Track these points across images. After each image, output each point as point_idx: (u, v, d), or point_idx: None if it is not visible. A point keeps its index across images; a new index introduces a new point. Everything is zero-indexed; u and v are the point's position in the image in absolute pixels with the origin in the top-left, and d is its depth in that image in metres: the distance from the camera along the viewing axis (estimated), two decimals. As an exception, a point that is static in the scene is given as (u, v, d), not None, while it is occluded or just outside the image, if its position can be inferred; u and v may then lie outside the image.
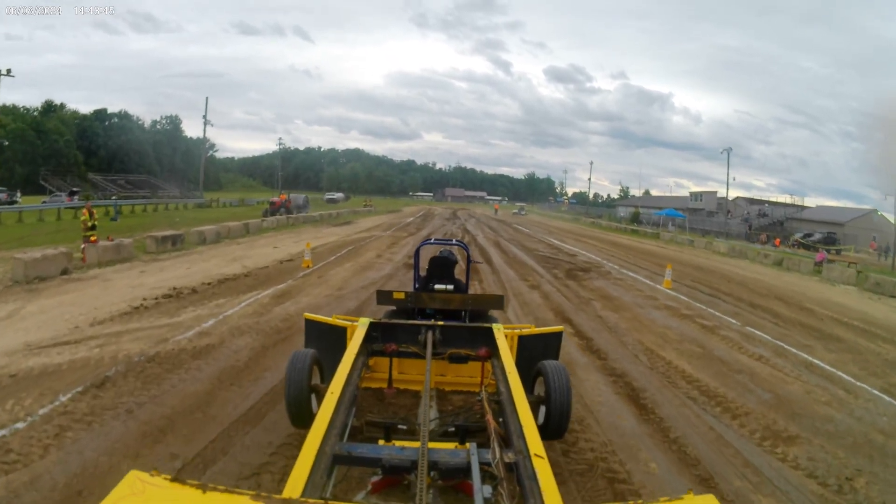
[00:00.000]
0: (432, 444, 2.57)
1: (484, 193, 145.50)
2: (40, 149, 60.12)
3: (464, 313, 5.58)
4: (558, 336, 4.92)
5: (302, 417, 3.54)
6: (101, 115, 73.29)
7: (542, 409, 3.65)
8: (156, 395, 5.38)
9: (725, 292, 14.65)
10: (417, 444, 2.52)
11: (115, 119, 74.21)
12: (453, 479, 2.53)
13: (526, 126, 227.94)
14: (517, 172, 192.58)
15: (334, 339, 4.52)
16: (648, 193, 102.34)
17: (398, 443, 2.84)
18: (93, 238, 14.36)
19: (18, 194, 40.22)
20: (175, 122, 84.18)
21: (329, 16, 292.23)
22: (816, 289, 17.82)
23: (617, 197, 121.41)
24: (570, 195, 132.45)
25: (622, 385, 6.56)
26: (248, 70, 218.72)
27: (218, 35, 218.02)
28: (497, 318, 5.69)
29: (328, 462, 2.34)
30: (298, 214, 34.36)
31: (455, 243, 7.82)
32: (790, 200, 60.84)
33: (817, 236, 41.89)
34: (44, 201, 34.54)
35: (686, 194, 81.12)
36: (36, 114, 65.99)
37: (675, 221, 53.61)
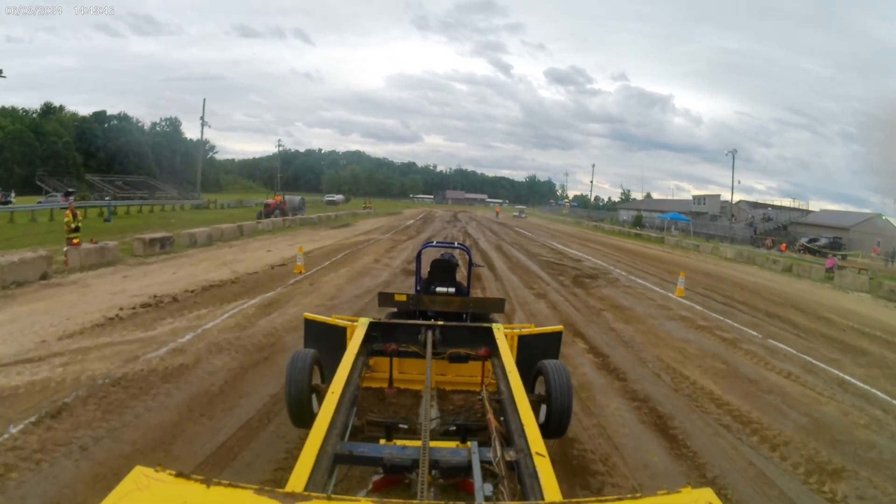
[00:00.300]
0: (433, 443, 2.54)
1: (485, 196, 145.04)
2: (39, 150, 59.75)
3: (465, 316, 5.56)
4: (558, 335, 4.86)
5: (303, 417, 3.47)
6: (100, 116, 72.92)
7: (543, 407, 3.58)
8: (116, 428, 4.76)
9: (740, 301, 13.99)
10: (418, 443, 2.47)
11: (114, 121, 73.86)
12: (454, 477, 2.49)
13: (527, 128, 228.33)
14: (518, 175, 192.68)
15: (334, 338, 4.49)
16: (650, 196, 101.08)
17: (399, 442, 2.83)
18: (75, 241, 13.74)
19: (12, 195, 39.55)
20: (174, 124, 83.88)
21: (329, 18, 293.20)
22: (831, 297, 17.18)
23: (618, 200, 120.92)
24: (570, 198, 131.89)
25: (647, 412, 5.89)
26: (248, 73, 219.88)
27: (219, 37, 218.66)
28: (498, 321, 5.63)
29: (329, 461, 2.30)
30: (295, 217, 33.57)
31: (457, 246, 7.89)
32: (792, 204, 59.89)
33: (823, 241, 41.19)
34: (39, 202, 33.91)
35: (687, 197, 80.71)
36: (35, 116, 65.60)
37: (678, 225, 52.93)
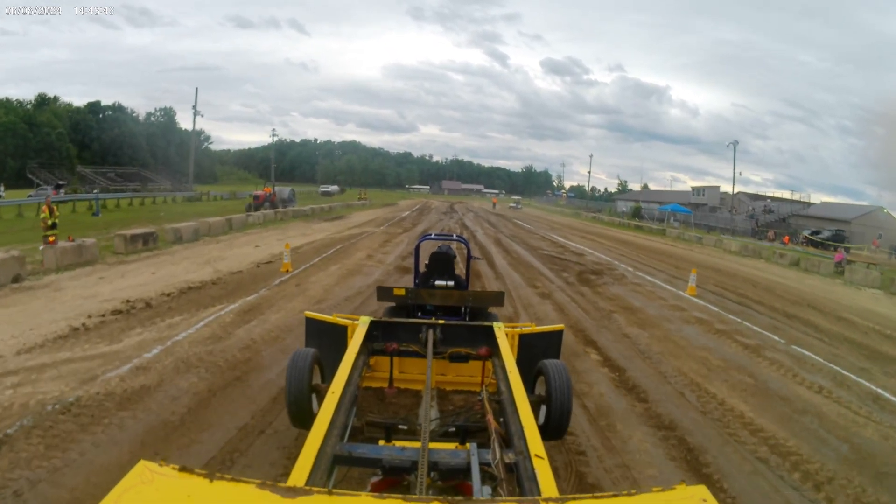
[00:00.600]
0: (433, 445, 2.51)
1: (481, 186, 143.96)
2: (32, 142, 58.50)
3: (464, 309, 5.52)
4: (559, 334, 4.82)
5: (302, 417, 3.46)
6: (94, 107, 71.56)
7: (543, 408, 3.54)
8: (57, 468, 4.07)
9: (754, 300, 13.29)
10: (418, 445, 2.46)
11: (108, 112, 72.52)
12: (453, 479, 2.44)
13: (523, 119, 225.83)
14: (514, 165, 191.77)
15: (335, 337, 4.45)
16: (647, 187, 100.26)
17: (398, 443, 2.79)
18: (51, 238, 12.94)
19: (2, 188, 38.40)
20: (169, 115, 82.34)
21: (324, 8, 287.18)
22: (845, 294, 16.52)
23: (615, 191, 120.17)
24: (567, 188, 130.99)
25: (675, 443, 5.16)
26: (244, 63, 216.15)
27: (214, 28, 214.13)
28: (497, 315, 5.62)
29: (328, 462, 2.28)
30: (288, 209, 32.57)
31: (456, 239, 7.88)
32: (790, 196, 59.14)
33: (826, 234, 40.61)
34: (30, 195, 32.87)
35: (683, 188, 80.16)
36: (29, 107, 64.32)
37: (677, 216, 52.20)
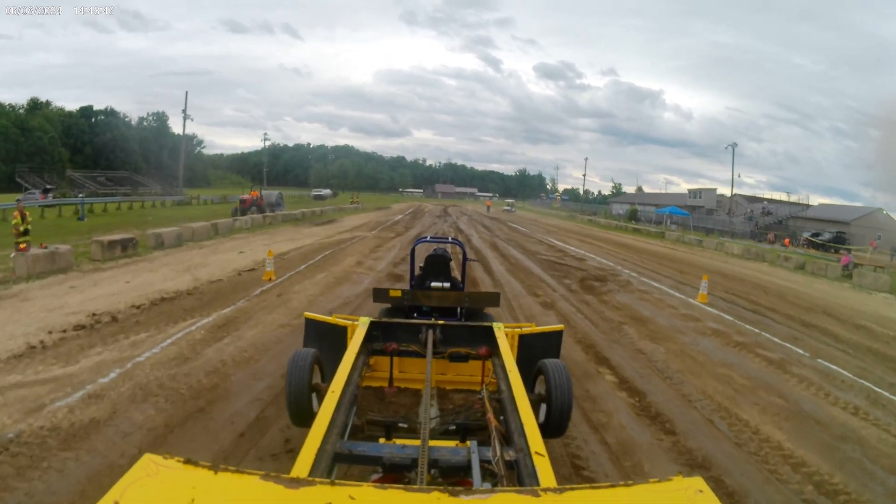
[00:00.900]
0: (433, 443, 2.45)
1: (475, 190, 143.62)
2: (24, 146, 57.66)
3: (459, 311, 5.55)
4: (559, 334, 4.84)
5: (303, 417, 3.41)
6: (86, 112, 70.86)
7: (543, 407, 3.51)
8: None
9: (767, 307, 12.62)
10: (418, 443, 2.38)
11: (100, 116, 71.93)
12: (454, 477, 2.33)
13: (516, 123, 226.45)
14: (508, 169, 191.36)
15: (335, 338, 4.48)
16: (641, 190, 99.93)
17: (399, 441, 2.78)
18: (22, 245, 12.14)
19: None
20: (162, 119, 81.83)
21: (318, 13, 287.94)
22: (856, 299, 15.93)
23: (609, 194, 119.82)
24: (561, 191, 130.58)
25: (713, 485, 4.37)
26: (237, 68, 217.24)
27: (207, 33, 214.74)
28: (492, 316, 5.65)
29: (329, 460, 2.22)
30: (277, 213, 31.65)
31: (451, 241, 7.99)
32: (786, 198, 58.78)
33: (827, 236, 40.24)
34: (17, 199, 31.91)
35: (677, 191, 79.94)
36: (22, 112, 63.55)
37: (674, 219, 51.66)
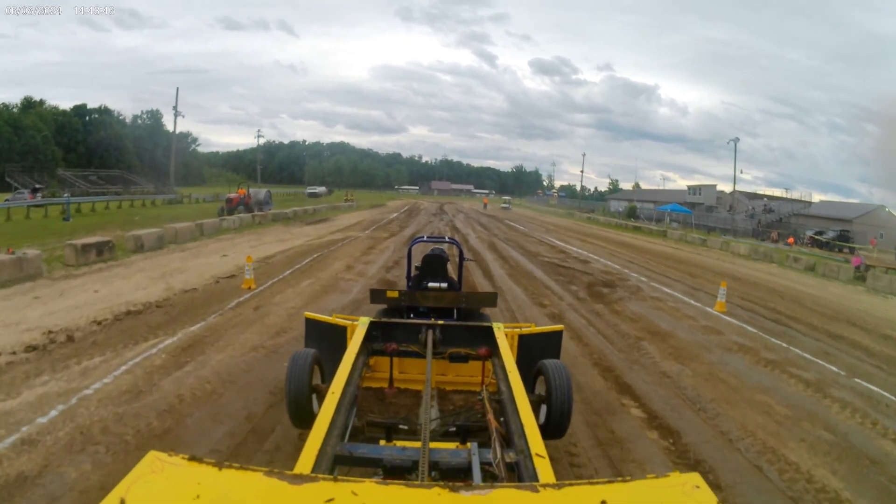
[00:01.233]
0: (433, 444, 2.48)
1: (471, 186, 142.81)
2: (17, 145, 56.75)
3: (456, 311, 5.51)
4: (559, 335, 4.81)
5: (303, 418, 3.38)
6: (80, 110, 69.97)
7: (543, 407, 3.48)
8: None
9: (788, 315, 11.78)
10: (418, 444, 2.42)
11: (94, 115, 71.03)
12: (454, 479, 2.30)
13: (512, 119, 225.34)
14: (504, 165, 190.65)
15: (335, 338, 4.42)
16: (638, 186, 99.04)
17: (399, 443, 2.79)
18: (-16, 252, 11.19)
19: None
20: (156, 117, 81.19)
21: (313, 10, 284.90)
22: (875, 305, 15.14)
23: (605, 190, 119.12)
24: (557, 188, 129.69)
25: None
26: (233, 65, 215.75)
27: (203, 30, 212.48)
28: (489, 316, 5.63)
29: (329, 462, 2.24)
30: (267, 212, 30.43)
31: (448, 241, 7.95)
32: (784, 194, 58.08)
33: (831, 234, 39.58)
34: (6, 199, 30.87)
35: (674, 187, 79.26)
36: (15, 110, 62.57)
37: (672, 215, 50.86)
